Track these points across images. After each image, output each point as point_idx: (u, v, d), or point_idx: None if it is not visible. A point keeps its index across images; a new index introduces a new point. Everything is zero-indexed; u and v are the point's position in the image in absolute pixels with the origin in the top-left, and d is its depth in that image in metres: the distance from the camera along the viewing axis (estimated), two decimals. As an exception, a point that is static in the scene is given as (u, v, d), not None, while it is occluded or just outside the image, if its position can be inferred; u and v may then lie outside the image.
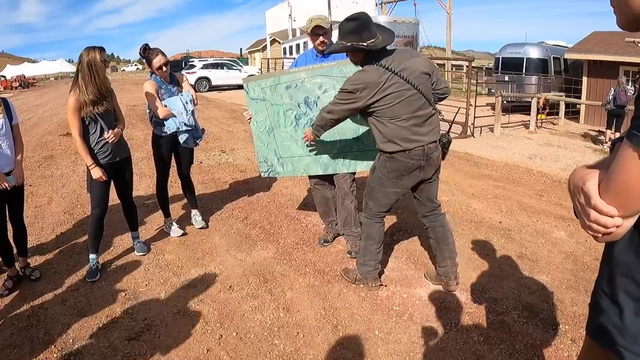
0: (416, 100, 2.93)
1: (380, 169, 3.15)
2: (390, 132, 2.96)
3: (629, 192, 0.90)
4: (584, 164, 1.12)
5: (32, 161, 7.87)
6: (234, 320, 3.11)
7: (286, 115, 3.79)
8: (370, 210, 3.31)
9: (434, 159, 3.08)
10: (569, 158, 8.13)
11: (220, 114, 14.15)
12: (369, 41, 2.85)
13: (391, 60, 2.89)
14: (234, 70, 24.55)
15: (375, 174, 3.20)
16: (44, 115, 15.12)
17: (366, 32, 2.85)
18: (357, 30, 2.85)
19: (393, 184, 3.13)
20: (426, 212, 3.38)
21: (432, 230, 3.39)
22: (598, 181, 0.97)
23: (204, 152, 8.36)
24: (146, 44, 4.13)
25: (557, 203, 5.45)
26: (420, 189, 3.28)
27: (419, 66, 2.94)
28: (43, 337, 2.93)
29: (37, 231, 4.71)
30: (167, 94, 4.18)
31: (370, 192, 3.28)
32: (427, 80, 2.98)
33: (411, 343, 2.83)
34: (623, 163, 0.90)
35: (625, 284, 1.04)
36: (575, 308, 3.13)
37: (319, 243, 4.27)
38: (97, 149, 3.57)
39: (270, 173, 4.05)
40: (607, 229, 0.96)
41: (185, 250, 4.24)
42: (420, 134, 2.98)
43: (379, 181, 3.18)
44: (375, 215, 3.31)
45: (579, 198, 1.03)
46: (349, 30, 2.87)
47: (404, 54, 2.97)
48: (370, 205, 3.30)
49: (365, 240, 3.36)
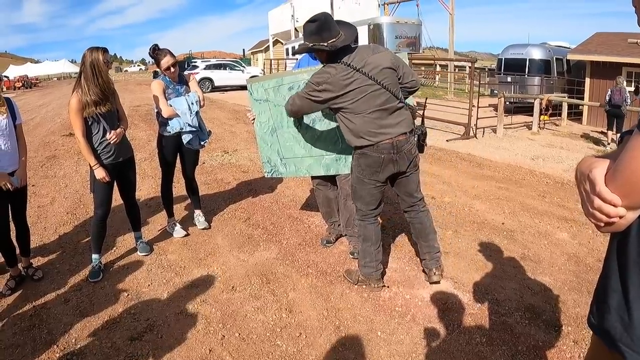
0: (380, 94, 3.01)
1: (355, 168, 3.25)
2: (356, 128, 3.06)
3: (635, 183, 0.89)
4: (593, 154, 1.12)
5: (35, 161, 7.89)
6: (237, 320, 3.11)
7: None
8: (360, 211, 3.36)
9: (405, 151, 3.13)
10: (572, 159, 8.11)
11: (223, 114, 14.17)
12: (329, 41, 2.95)
13: (353, 57, 2.99)
14: (237, 71, 24.61)
15: (354, 173, 3.29)
16: (47, 115, 15.17)
17: (326, 32, 2.94)
18: (318, 31, 2.95)
19: (370, 180, 3.20)
20: (406, 207, 3.46)
21: (412, 225, 3.51)
22: (605, 170, 0.97)
23: (206, 153, 8.36)
24: (156, 45, 4.14)
25: (560, 204, 5.43)
26: (398, 184, 3.35)
27: (381, 61, 3.01)
28: (45, 337, 2.93)
29: (40, 231, 4.72)
30: (174, 93, 4.18)
31: (355, 193, 3.35)
32: (391, 74, 3.05)
33: (413, 344, 2.82)
34: (632, 153, 0.89)
35: (636, 281, 1.03)
36: (578, 309, 3.12)
37: (321, 244, 4.27)
38: (100, 149, 3.57)
39: (274, 173, 4.05)
40: (609, 218, 0.95)
41: (187, 250, 4.24)
42: (386, 126, 3.05)
43: (357, 180, 3.26)
44: (368, 216, 3.34)
45: (584, 185, 1.02)
46: (311, 32, 2.98)
47: (367, 50, 3.06)
48: (359, 206, 3.36)
49: (363, 242, 3.39)
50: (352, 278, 3.53)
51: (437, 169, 7.19)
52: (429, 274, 3.47)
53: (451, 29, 22.36)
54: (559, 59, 15.77)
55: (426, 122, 3.92)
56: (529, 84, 15.16)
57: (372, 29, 13.91)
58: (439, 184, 6.27)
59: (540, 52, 15.73)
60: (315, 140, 3.79)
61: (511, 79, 15.34)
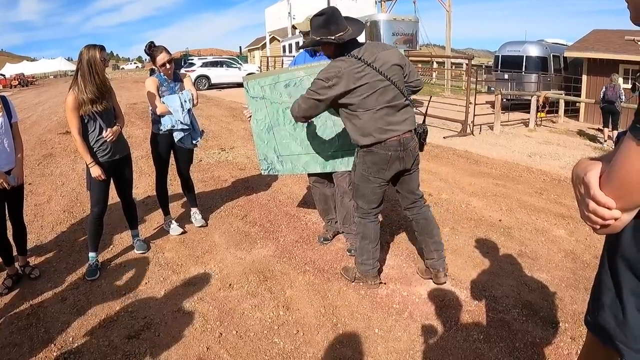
0: (389, 91, 2.98)
1: (360, 165, 3.18)
2: (364, 125, 3.00)
3: (629, 185, 0.89)
4: (588, 156, 1.12)
5: (31, 160, 7.86)
6: (234, 318, 3.11)
7: (285, 113, 3.78)
8: (361, 209, 3.32)
9: (411, 149, 3.11)
10: (569, 156, 8.13)
11: (219, 112, 14.14)
12: (337, 34, 2.92)
13: (363, 52, 2.95)
14: (234, 69, 24.57)
15: (357, 171, 3.23)
16: (44, 113, 15.11)
17: (334, 25, 2.92)
18: (325, 24, 2.92)
19: (375, 178, 3.16)
20: (408, 204, 3.42)
21: (415, 222, 3.44)
22: (600, 173, 0.97)
23: (203, 150, 8.35)
24: (152, 42, 4.15)
25: (557, 201, 5.45)
26: (401, 182, 3.32)
27: (390, 58, 3.00)
28: (43, 336, 2.93)
29: (37, 230, 4.71)
30: (168, 91, 4.18)
31: (357, 191, 3.30)
32: (399, 71, 3.03)
33: (411, 341, 2.82)
34: (625, 155, 0.89)
35: (629, 280, 1.04)
36: (575, 306, 3.13)
37: (318, 241, 4.27)
38: (96, 147, 3.56)
39: (270, 171, 4.05)
40: (604, 220, 0.95)
41: (184, 248, 4.23)
42: (394, 123, 3.02)
43: (361, 178, 3.21)
44: (368, 214, 3.31)
45: (579, 188, 1.02)
46: (318, 25, 2.96)
47: (376, 47, 3.05)
48: (360, 204, 3.32)
49: (362, 240, 3.36)
50: (349, 275, 3.52)
51: (434, 166, 7.19)
52: (437, 275, 3.41)
53: (448, 26, 22.36)
54: (556, 56, 15.79)
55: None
56: (526, 81, 15.18)
57: (369, 26, 13.88)
58: (436, 181, 6.27)
59: (537, 49, 15.74)
60: (312, 137, 3.78)
61: (508, 76, 15.33)
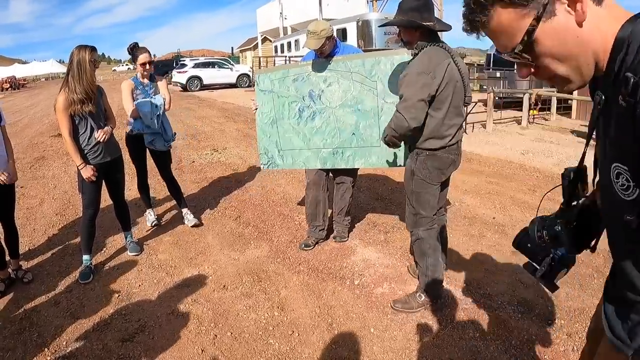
0: (462, 92, 2.85)
1: (420, 171, 2.92)
2: (435, 126, 2.80)
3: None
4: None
5: (23, 162, 7.80)
6: (228, 319, 3.09)
7: (290, 107, 3.83)
8: (426, 218, 3.01)
9: (460, 152, 3.07)
10: (562, 153, 8.16)
11: (212, 112, 14.10)
12: (428, 22, 2.77)
13: (447, 48, 2.79)
14: (225, 69, 24.58)
15: (416, 179, 2.95)
16: (35, 116, 15.01)
17: (427, 12, 2.79)
18: (419, 9, 2.78)
19: (435, 183, 2.97)
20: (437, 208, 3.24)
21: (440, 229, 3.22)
22: None
23: (196, 151, 8.32)
24: (135, 43, 4.28)
25: (550, 198, 5.41)
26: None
27: (462, 60, 2.90)
28: (36, 340, 2.90)
29: (29, 233, 4.67)
30: (142, 94, 4.28)
31: (419, 200, 2.98)
32: (466, 77, 2.90)
33: (407, 340, 2.82)
34: None
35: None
36: (570, 303, 3.14)
37: (299, 248, 4.14)
38: (87, 149, 3.54)
39: (270, 165, 4.07)
40: None
41: (178, 250, 4.21)
42: (457, 125, 2.91)
43: (422, 184, 2.95)
44: (432, 220, 3.04)
45: None
46: (411, 7, 2.79)
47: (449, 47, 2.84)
48: (425, 214, 3.00)
49: (433, 254, 3.04)
50: (411, 305, 3.11)
51: (428, 164, 7.18)
52: None
53: (440, 25, 22.39)
54: (548, 54, 15.84)
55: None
56: (518, 79, 15.23)
57: (360, 25, 13.90)
58: (430, 180, 6.26)
59: (529, 47, 15.77)
60: (314, 132, 3.79)
61: (500, 74, 15.38)
